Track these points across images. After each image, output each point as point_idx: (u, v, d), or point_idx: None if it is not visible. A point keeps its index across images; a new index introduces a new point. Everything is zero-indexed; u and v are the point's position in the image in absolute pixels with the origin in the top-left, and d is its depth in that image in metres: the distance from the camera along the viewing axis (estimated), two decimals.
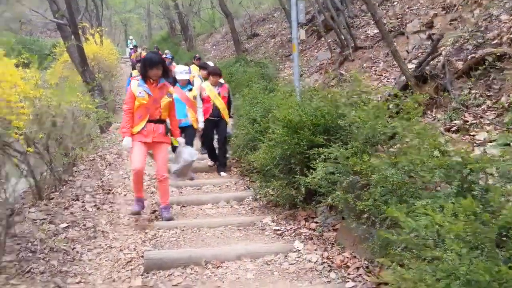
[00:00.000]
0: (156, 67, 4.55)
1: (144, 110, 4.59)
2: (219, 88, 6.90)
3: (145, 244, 4.28)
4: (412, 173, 3.06)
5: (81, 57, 9.67)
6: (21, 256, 3.71)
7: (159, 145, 4.78)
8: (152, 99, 4.60)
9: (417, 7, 8.09)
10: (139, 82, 4.64)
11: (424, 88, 5.25)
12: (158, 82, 4.65)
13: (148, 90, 4.58)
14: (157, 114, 4.67)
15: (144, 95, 4.56)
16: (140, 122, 4.60)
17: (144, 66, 4.60)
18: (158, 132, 4.69)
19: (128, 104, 4.62)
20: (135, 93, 4.58)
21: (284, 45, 14.37)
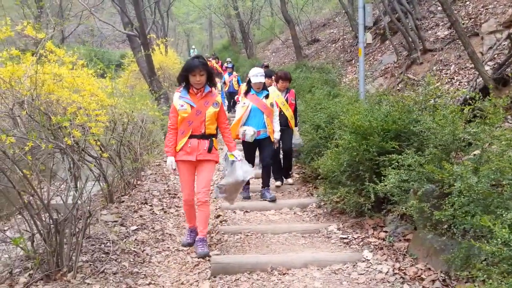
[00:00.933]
0: (198, 73, 3.88)
1: (186, 124, 3.97)
2: (286, 94, 6.32)
3: (211, 248, 4.32)
4: (497, 182, 2.84)
5: (149, 66, 10.08)
6: (95, 256, 3.87)
7: (203, 163, 4.08)
8: (195, 111, 3.96)
9: (493, 6, 7.59)
10: (180, 94, 4.01)
11: (504, 91, 4.89)
12: (202, 91, 4.00)
13: (190, 101, 3.96)
14: (201, 128, 4.01)
15: (186, 108, 3.95)
16: (183, 138, 3.99)
17: (183, 73, 3.98)
18: (202, 148, 4.01)
19: (171, 120, 4.05)
20: (176, 106, 3.98)
21: (346, 50, 14.11)
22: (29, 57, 3.70)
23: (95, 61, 4.96)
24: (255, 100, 5.51)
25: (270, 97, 5.58)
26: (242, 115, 5.48)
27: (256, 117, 5.43)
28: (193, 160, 3.99)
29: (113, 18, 22.96)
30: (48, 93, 3.75)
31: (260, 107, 5.48)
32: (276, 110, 5.68)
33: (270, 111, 5.54)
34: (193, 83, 3.94)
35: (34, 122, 3.67)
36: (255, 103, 5.47)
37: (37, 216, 3.37)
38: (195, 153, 3.98)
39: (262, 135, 5.52)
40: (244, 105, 5.49)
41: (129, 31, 9.75)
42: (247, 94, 5.53)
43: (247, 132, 5.35)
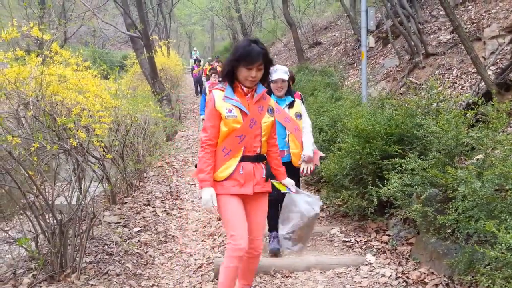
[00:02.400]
0: (257, 66, 2.63)
1: (236, 140, 2.70)
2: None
3: (214, 251, 4.34)
4: (500, 187, 2.85)
5: (152, 68, 10.12)
6: (99, 258, 3.88)
7: (258, 198, 2.86)
8: (249, 121, 2.70)
9: (495, 11, 7.61)
10: (225, 93, 2.74)
11: (507, 96, 4.90)
12: (254, 91, 2.79)
13: (241, 106, 2.71)
14: (257, 145, 2.77)
15: (236, 115, 2.69)
16: (230, 160, 2.71)
17: (234, 62, 2.68)
18: (260, 175, 2.80)
19: (208, 131, 2.71)
20: (221, 112, 2.68)
21: (348, 53, 14.13)
22: (34, 58, 3.72)
23: (99, 62, 4.98)
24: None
25: (295, 105, 4.02)
26: None
27: (276, 133, 3.39)
28: (249, 194, 2.75)
29: (115, 19, 23.01)
30: (53, 94, 3.76)
31: (281, 120, 3.86)
32: (306, 122, 4.07)
33: (294, 125, 3.92)
34: (244, 80, 2.69)
35: (39, 123, 3.68)
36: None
37: (41, 217, 3.38)
38: (251, 183, 2.74)
39: (285, 158, 3.82)
40: None
41: (132, 32, 9.78)
42: None
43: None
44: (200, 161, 2.71)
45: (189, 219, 5.38)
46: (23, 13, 14.07)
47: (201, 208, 5.80)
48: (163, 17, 17.98)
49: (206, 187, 2.65)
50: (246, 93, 2.75)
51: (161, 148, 7.87)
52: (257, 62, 2.60)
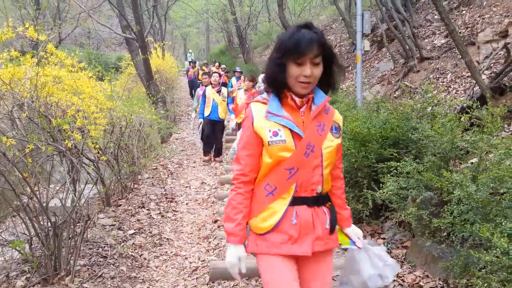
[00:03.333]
0: (311, 57, 1.77)
1: (284, 174, 1.86)
2: None
3: (209, 253, 4.32)
4: (494, 190, 2.87)
5: (147, 70, 10.09)
6: (93, 260, 3.86)
7: (321, 258, 1.97)
8: (304, 146, 1.85)
9: (489, 15, 7.67)
10: (268, 108, 1.89)
11: (501, 101, 4.94)
12: (311, 101, 1.90)
13: (293, 125, 1.85)
14: (317, 180, 1.89)
15: (285, 139, 1.84)
16: (276, 202, 1.88)
17: (278, 60, 1.81)
18: (322, 226, 1.92)
19: (243, 163, 1.92)
20: (263, 135, 1.86)
21: (343, 56, 14.17)
22: (29, 59, 3.70)
23: (94, 63, 4.95)
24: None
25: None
26: None
27: None
28: (306, 255, 1.86)
29: (110, 20, 22.96)
30: (48, 95, 3.74)
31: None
32: None
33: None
34: (294, 83, 1.80)
35: (33, 124, 3.66)
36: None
37: (35, 219, 3.35)
38: (309, 238, 1.87)
39: None
40: None
41: (128, 34, 9.75)
42: None
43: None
44: (229, 205, 1.89)
45: (184, 222, 5.36)
46: (17, 13, 14.00)
47: (196, 210, 5.80)
48: (159, 19, 17.94)
49: (234, 243, 1.87)
50: (300, 106, 1.85)
51: (156, 150, 7.84)
52: (310, 53, 1.71)
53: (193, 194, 6.55)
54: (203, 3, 24.18)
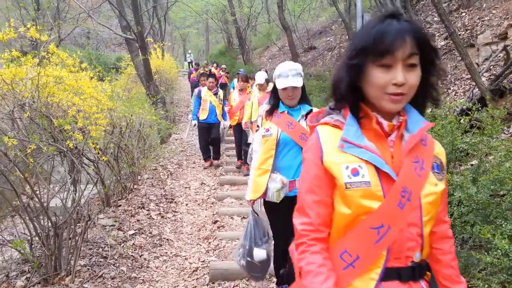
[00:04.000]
0: (402, 54, 1.18)
1: (371, 236, 1.24)
2: None
3: (209, 254, 4.32)
4: (494, 192, 2.88)
5: (146, 71, 10.09)
6: (93, 261, 3.86)
7: None
8: (398, 192, 1.23)
9: (488, 18, 7.70)
10: (343, 134, 1.29)
11: (501, 103, 4.95)
12: (405, 126, 1.30)
13: (381, 163, 1.25)
14: (414, 244, 1.27)
15: (369, 180, 1.24)
16: (360, 279, 1.26)
17: (356, 60, 1.24)
18: None
19: (310, 212, 1.32)
20: (336, 174, 1.27)
21: None
22: (30, 59, 3.70)
23: (94, 64, 4.95)
24: (285, 123, 2.91)
25: None
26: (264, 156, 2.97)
27: (288, 156, 2.93)
28: None
29: (110, 21, 22.94)
30: (49, 96, 3.74)
31: (296, 137, 2.89)
32: None
33: None
34: (379, 96, 1.24)
35: (34, 125, 3.66)
36: (285, 129, 2.90)
37: (36, 219, 3.35)
38: None
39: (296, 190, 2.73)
40: (267, 134, 2.96)
41: (128, 35, 9.75)
42: (272, 114, 2.98)
43: (269, 186, 2.89)
44: (307, 275, 1.26)
45: (184, 222, 5.36)
46: (17, 13, 14.00)
47: (195, 211, 5.80)
48: (158, 20, 17.94)
49: None
50: (388, 133, 1.29)
51: (156, 151, 7.84)
52: (401, 50, 1.17)
53: (193, 195, 6.55)
54: (203, 4, 24.19)
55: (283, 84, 2.81)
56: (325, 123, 1.36)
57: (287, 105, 2.92)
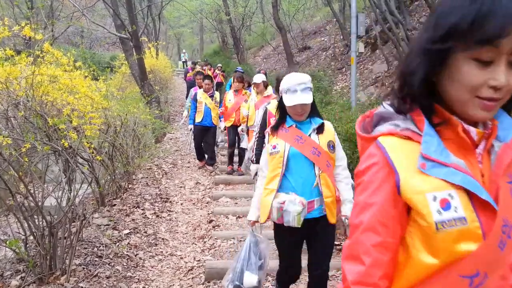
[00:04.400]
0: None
1: (460, 286, 0.89)
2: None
3: (204, 253, 4.33)
4: None
5: (141, 70, 10.07)
6: (89, 260, 3.85)
7: None
8: (499, 226, 0.87)
9: None
10: (422, 148, 0.91)
11: None
12: (495, 134, 0.95)
13: (474, 184, 0.89)
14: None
15: (464, 216, 0.88)
16: None
17: (442, 44, 0.86)
18: None
19: (369, 260, 0.96)
20: (422, 209, 0.89)
21: (337, 58, 14.25)
22: (25, 58, 3.68)
23: (88, 63, 4.94)
24: (294, 138, 2.62)
25: (327, 130, 2.67)
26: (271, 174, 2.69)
27: (300, 173, 2.61)
28: None
29: (104, 20, 22.84)
30: (44, 95, 3.72)
31: (307, 152, 2.58)
32: (340, 156, 2.74)
33: (326, 159, 2.60)
34: (469, 96, 0.88)
35: (29, 124, 3.64)
36: (294, 144, 2.61)
37: (30, 218, 3.34)
38: None
39: (315, 212, 2.60)
40: (274, 151, 2.67)
41: (123, 34, 9.73)
42: (279, 129, 2.69)
43: (288, 209, 2.51)
44: None
45: (179, 222, 5.36)
46: (10, 12, 13.90)
47: (191, 210, 5.80)
48: (153, 19, 17.88)
49: None
50: (477, 143, 0.97)
51: (150, 150, 7.82)
52: (510, 39, 0.81)
53: (188, 194, 6.55)
54: (197, 3, 24.17)
55: (292, 101, 2.52)
56: (389, 133, 0.98)
57: (296, 120, 2.63)
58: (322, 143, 2.57)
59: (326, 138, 2.60)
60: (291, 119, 2.64)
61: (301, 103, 2.50)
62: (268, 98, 5.77)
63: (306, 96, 2.51)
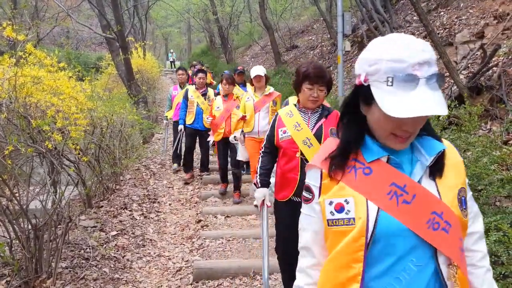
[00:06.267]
0: None
1: None
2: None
3: (193, 254, 4.32)
4: (473, 188, 2.94)
5: (128, 70, 9.99)
6: (75, 262, 3.81)
7: None
8: None
9: (466, 17, 7.86)
10: None
11: (478, 100, 5.06)
12: None
13: None
14: None
15: None
16: None
17: None
18: None
19: None
20: None
21: (324, 57, 14.30)
22: (7, 59, 3.63)
23: (74, 63, 4.88)
24: (386, 189, 1.17)
25: (451, 167, 1.21)
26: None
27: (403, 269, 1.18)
28: None
29: (90, 20, 22.63)
30: (28, 96, 3.67)
31: (416, 223, 1.14)
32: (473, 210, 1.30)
33: (459, 229, 1.18)
34: None
35: (12, 126, 3.59)
36: (391, 204, 1.16)
37: (15, 221, 3.29)
38: None
39: None
40: (339, 218, 1.18)
41: (108, 34, 9.64)
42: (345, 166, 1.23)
43: None
44: None
45: (167, 223, 5.34)
46: None
47: (179, 211, 5.78)
48: (139, 19, 17.78)
49: None
50: None
51: (138, 151, 7.77)
52: None
53: (176, 195, 6.52)
54: (184, 3, 24.09)
55: (405, 106, 1.05)
56: None
57: (388, 146, 1.19)
58: (448, 198, 1.17)
59: (455, 185, 1.20)
60: (376, 144, 1.20)
61: (426, 114, 1.03)
62: (269, 98, 5.14)
63: (435, 97, 1.06)
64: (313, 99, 2.69)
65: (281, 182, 2.85)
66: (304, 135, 2.71)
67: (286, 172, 2.79)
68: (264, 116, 5.10)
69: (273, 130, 2.87)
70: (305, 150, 2.69)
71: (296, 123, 2.76)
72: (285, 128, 2.78)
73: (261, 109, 5.11)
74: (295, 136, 2.73)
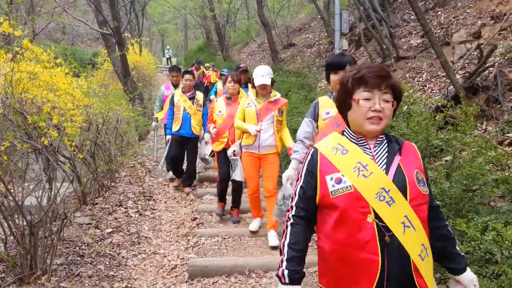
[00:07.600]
0: None
1: None
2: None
3: (188, 251, 4.32)
4: (467, 187, 2.96)
5: (124, 67, 9.95)
6: (70, 259, 3.80)
7: None
8: None
9: (463, 17, 7.88)
10: None
11: (474, 100, 5.09)
12: None
13: None
14: None
15: None
16: None
17: None
18: None
19: None
20: None
21: (321, 55, 14.30)
22: (3, 54, 3.60)
23: (70, 59, 4.86)
24: None
25: None
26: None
27: None
28: None
29: (86, 15, 22.54)
30: (23, 92, 3.65)
31: None
32: None
33: None
34: None
35: (8, 122, 3.57)
36: None
37: (10, 218, 3.28)
38: None
39: None
40: None
41: (105, 30, 9.60)
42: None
43: None
44: None
45: (163, 220, 5.33)
46: None
47: (174, 208, 5.77)
48: (136, 15, 17.73)
49: None
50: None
51: (133, 148, 7.75)
52: None
53: (172, 192, 6.51)
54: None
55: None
56: None
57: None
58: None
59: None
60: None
61: None
62: (275, 105, 4.26)
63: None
64: (375, 114, 1.60)
65: (340, 269, 1.59)
66: (378, 184, 1.56)
67: (350, 251, 1.54)
68: (267, 127, 4.27)
69: (314, 179, 1.66)
70: (381, 209, 1.53)
71: (360, 163, 1.61)
72: (340, 175, 1.60)
73: (265, 118, 4.26)
74: (361, 186, 1.56)
